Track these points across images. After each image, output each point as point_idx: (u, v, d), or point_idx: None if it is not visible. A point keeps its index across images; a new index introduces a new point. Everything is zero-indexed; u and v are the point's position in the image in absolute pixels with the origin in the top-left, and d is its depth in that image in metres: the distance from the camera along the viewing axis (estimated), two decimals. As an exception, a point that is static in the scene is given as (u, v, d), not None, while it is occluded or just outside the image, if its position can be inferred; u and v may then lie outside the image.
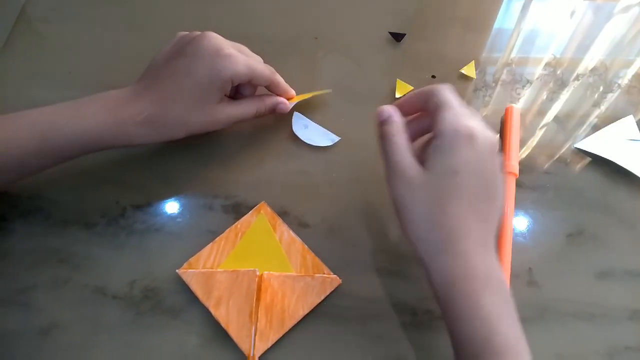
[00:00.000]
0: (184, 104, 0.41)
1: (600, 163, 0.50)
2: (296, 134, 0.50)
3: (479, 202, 0.34)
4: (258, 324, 0.40)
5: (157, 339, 0.41)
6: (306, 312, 0.41)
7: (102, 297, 0.43)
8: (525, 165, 0.49)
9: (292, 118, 0.51)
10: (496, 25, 0.59)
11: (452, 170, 0.33)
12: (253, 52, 0.46)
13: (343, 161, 0.49)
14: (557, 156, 0.51)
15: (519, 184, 0.48)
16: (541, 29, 0.59)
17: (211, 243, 0.44)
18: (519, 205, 0.47)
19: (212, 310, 0.41)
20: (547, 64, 0.56)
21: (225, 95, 0.44)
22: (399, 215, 0.35)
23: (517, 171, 0.47)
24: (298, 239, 0.45)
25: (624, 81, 0.55)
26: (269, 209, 0.46)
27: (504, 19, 0.60)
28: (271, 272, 0.42)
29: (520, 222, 0.47)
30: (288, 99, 0.48)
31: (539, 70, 0.56)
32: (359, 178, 0.49)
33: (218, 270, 0.43)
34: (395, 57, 0.56)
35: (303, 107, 0.52)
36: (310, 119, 0.51)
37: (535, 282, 0.44)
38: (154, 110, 0.40)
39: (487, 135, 0.35)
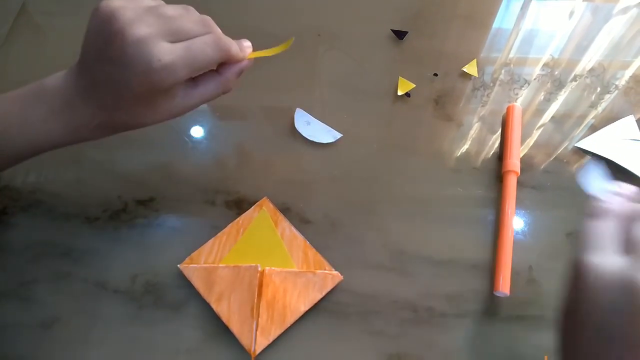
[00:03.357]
0: (131, 112, 0.36)
1: (600, 162, 0.50)
2: (298, 130, 0.50)
3: None
4: (259, 319, 0.41)
5: (159, 333, 0.41)
6: (307, 307, 0.41)
7: (103, 291, 0.43)
8: (526, 164, 0.50)
9: (294, 114, 0.51)
10: (495, 25, 0.59)
11: None
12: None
13: (345, 158, 0.50)
14: (557, 155, 0.51)
15: (519, 183, 0.48)
16: (540, 30, 0.59)
17: (213, 238, 0.44)
18: (520, 203, 0.47)
19: (213, 305, 0.41)
20: (545, 65, 0.56)
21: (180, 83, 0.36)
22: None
23: (518, 169, 0.47)
24: (300, 235, 0.45)
25: (622, 82, 0.55)
26: (271, 205, 0.46)
27: (503, 19, 0.60)
28: (273, 267, 0.43)
29: (520, 221, 0.47)
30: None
31: (537, 71, 0.56)
32: (360, 175, 0.49)
33: (220, 265, 0.43)
34: (398, 54, 0.56)
35: (305, 104, 0.52)
36: (312, 115, 0.51)
37: (535, 281, 0.44)
38: (104, 117, 0.36)
39: None
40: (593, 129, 0.52)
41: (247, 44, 0.39)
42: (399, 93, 0.53)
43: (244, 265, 0.42)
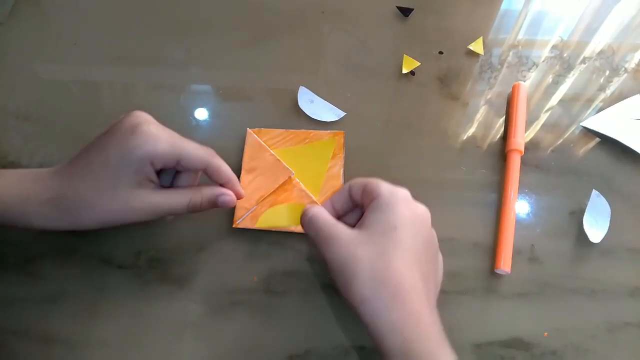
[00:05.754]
0: (92, 184, 0.36)
1: (605, 142, 0.50)
2: (301, 108, 0.50)
3: (419, 258, 0.33)
4: (258, 206, 0.44)
5: (163, 308, 0.42)
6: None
7: (108, 267, 0.43)
8: (530, 144, 0.49)
9: (297, 92, 0.51)
10: (503, 6, 0.58)
11: (391, 226, 0.33)
12: (257, 27, 0.41)
13: (348, 136, 0.49)
14: (562, 135, 0.50)
15: (523, 162, 0.48)
16: (549, 11, 0.58)
17: (285, 130, 0.48)
18: (523, 182, 0.47)
19: (242, 171, 0.46)
20: (554, 47, 0.55)
21: (151, 181, 0.37)
22: (339, 280, 0.33)
23: (522, 148, 0.47)
24: (341, 179, 0.46)
25: (631, 65, 0.54)
26: (342, 140, 0.48)
27: (511, -1, 0.59)
28: (300, 182, 0.46)
29: (523, 199, 0.47)
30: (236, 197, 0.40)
31: (545, 53, 0.55)
32: (363, 153, 0.49)
33: (270, 150, 0.47)
34: (403, 31, 0.56)
35: (309, 82, 0.51)
36: (316, 93, 0.51)
37: (537, 259, 0.44)
38: (60, 190, 0.36)
39: (422, 206, 0.36)
40: (601, 112, 0.51)
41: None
42: (404, 71, 0.52)
43: (283, 164, 0.46)
